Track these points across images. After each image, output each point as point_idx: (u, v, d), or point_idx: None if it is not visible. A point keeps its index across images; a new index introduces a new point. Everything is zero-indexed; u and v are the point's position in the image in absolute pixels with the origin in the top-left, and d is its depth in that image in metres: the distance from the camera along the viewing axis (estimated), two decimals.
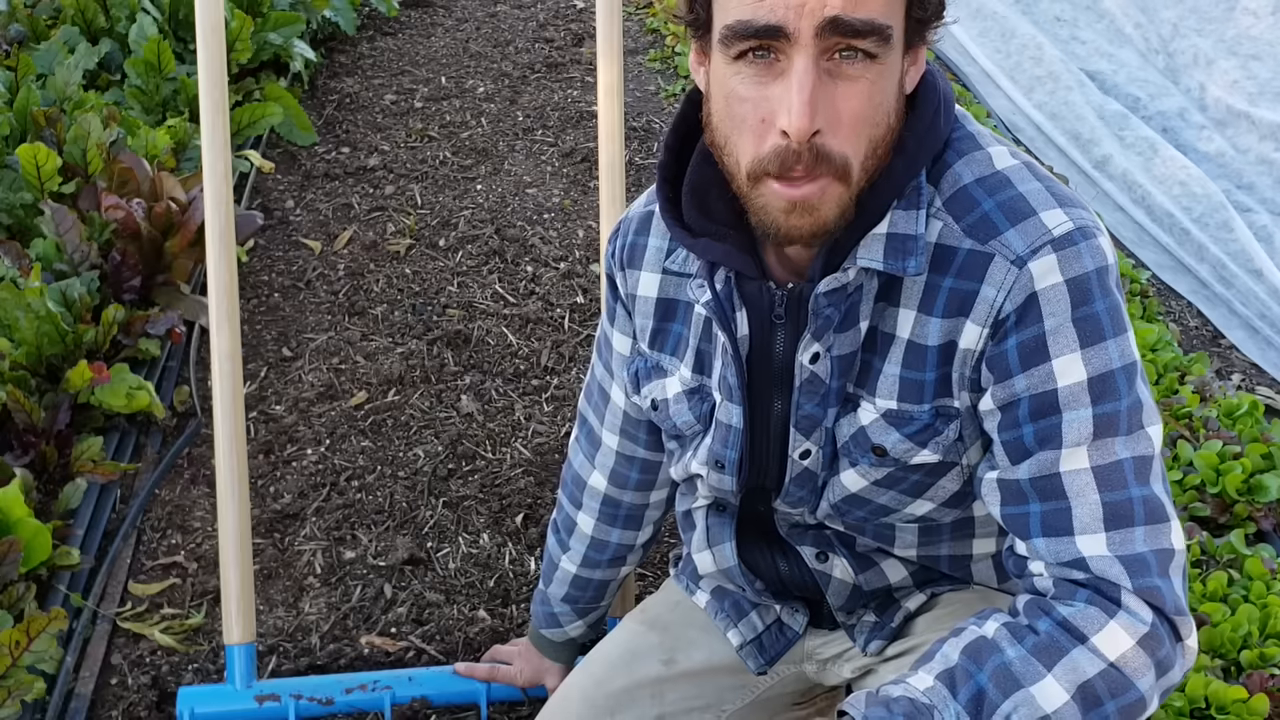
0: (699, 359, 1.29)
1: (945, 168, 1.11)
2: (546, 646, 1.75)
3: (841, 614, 1.39)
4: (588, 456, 1.56)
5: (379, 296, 3.02)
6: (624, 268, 1.34)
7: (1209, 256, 3.19)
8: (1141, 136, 3.72)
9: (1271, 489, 2.26)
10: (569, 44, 4.66)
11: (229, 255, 1.83)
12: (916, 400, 1.15)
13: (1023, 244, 1.06)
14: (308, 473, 2.42)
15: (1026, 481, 1.09)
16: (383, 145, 3.83)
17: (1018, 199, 1.08)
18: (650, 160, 3.74)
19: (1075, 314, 1.05)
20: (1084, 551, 1.06)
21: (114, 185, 2.87)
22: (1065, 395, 1.06)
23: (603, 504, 1.57)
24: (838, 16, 0.97)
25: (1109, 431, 1.06)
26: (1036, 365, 1.07)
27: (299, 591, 2.14)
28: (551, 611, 1.70)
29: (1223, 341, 2.96)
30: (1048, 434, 1.07)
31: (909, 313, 1.13)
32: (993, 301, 1.07)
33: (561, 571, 1.66)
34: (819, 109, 1.00)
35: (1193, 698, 1.81)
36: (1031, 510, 1.09)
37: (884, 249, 1.09)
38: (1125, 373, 1.07)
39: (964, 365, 1.12)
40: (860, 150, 1.04)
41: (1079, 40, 4.45)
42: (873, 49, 1.00)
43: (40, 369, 2.45)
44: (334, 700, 1.81)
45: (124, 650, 2.01)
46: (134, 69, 3.47)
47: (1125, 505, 1.06)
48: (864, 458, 1.20)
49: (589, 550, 1.62)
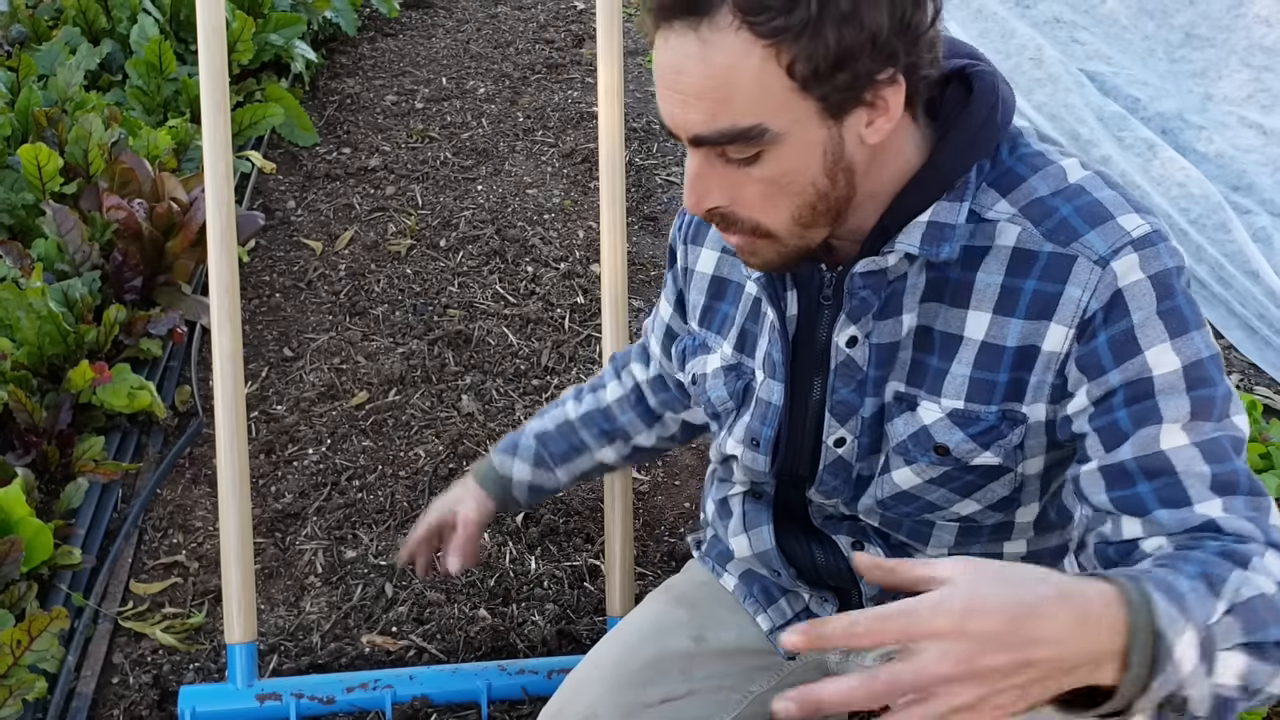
0: (742, 337, 1.32)
1: (1018, 180, 1.14)
2: (485, 473, 1.67)
3: (871, 603, 1.40)
4: (639, 359, 1.62)
5: (380, 297, 3.03)
6: (687, 242, 1.40)
7: (1207, 257, 3.19)
8: (1140, 138, 3.73)
9: (1270, 488, 2.26)
10: (569, 45, 4.67)
11: (230, 255, 1.84)
12: (985, 401, 1.16)
13: (1104, 245, 1.08)
14: (309, 472, 2.43)
15: (1131, 461, 1.08)
16: (384, 146, 3.83)
17: (1095, 204, 1.11)
18: (650, 160, 3.75)
19: (1160, 307, 1.07)
20: (1212, 514, 1.04)
21: (115, 186, 2.88)
22: (1161, 383, 1.07)
23: (634, 390, 1.62)
24: (698, 135, 1.04)
25: (1204, 415, 1.07)
26: (1130, 358, 1.08)
27: (300, 591, 2.14)
28: (517, 440, 1.66)
29: (1221, 341, 2.97)
30: (1144, 416, 1.07)
31: (981, 314, 1.14)
32: (1079, 301, 1.09)
33: (558, 411, 1.66)
34: (710, 191, 1.08)
35: None
36: (1141, 490, 1.08)
37: (922, 235, 1.12)
38: (1214, 362, 1.08)
39: (1046, 370, 1.12)
40: (780, 218, 1.09)
41: (1078, 42, 4.46)
42: (752, 149, 1.04)
43: (42, 369, 2.46)
44: (335, 699, 1.82)
45: (125, 649, 2.02)
46: (135, 70, 3.48)
47: (1232, 475, 1.05)
48: (924, 457, 1.21)
49: (597, 411, 1.64)
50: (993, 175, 1.14)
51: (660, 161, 3.74)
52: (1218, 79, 4.16)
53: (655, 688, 1.43)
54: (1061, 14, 4.62)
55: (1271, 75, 4.09)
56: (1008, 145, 1.15)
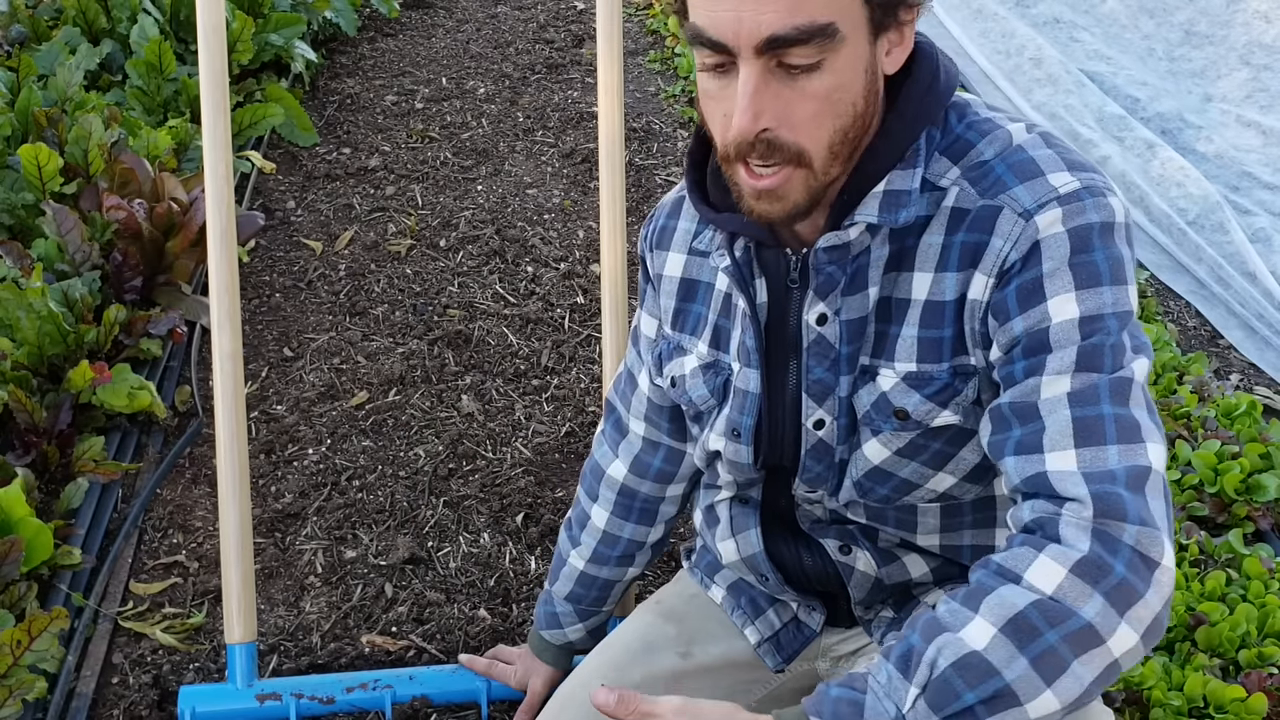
0: (716, 334, 1.33)
1: (968, 147, 1.16)
2: (543, 648, 1.75)
3: (860, 608, 1.40)
4: (612, 445, 1.58)
5: (380, 297, 3.03)
6: (654, 249, 1.41)
7: (1206, 257, 3.19)
8: (1140, 138, 3.73)
9: (1270, 488, 2.26)
10: (569, 45, 4.67)
11: (230, 255, 1.84)
12: (935, 360, 1.18)
13: (1030, 199, 1.11)
14: (309, 472, 2.43)
15: (1007, 405, 1.11)
16: (383, 146, 3.83)
17: (1028, 161, 1.13)
18: (650, 160, 3.75)
19: (1073, 259, 1.09)
20: (1049, 467, 1.07)
21: (115, 186, 2.88)
22: (1056, 331, 1.09)
23: (619, 495, 1.58)
24: (774, 34, 1.03)
25: (1093, 366, 1.08)
26: (1034, 306, 1.10)
27: (300, 591, 2.14)
28: (554, 611, 1.70)
29: (1221, 341, 2.97)
30: (1035, 366, 1.10)
31: (925, 274, 1.17)
32: (999, 251, 1.11)
33: (569, 568, 1.66)
34: (765, 110, 1.07)
35: (1191, 696, 1.82)
36: (1011, 435, 1.11)
37: (879, 205, 1.15)
38: (1118, 317, 1.09)
39: (973, 318, 1.15)
40: (821, 140, 1.10)
41: (1078, 41, 4.46)
42: (818, 54, 1.05)
43: (42, 369, 2.46)
44: (335, 699, 1.82)
45: (125, 649, 2.02)
46: (135, 70, 3.48)
47: (1096, 422, 1.06)
48: (886, 423, 1.22)
49: (599, 545, 1.62)
50: (944, 144, 1.17)
51: (660, 161, 3.75)
52: (1217, 78, 4.17)
53: None
54: (1061, 14, 4.63)
55: (1270, 74, 4.09)
56: (956, 114, 1.18)
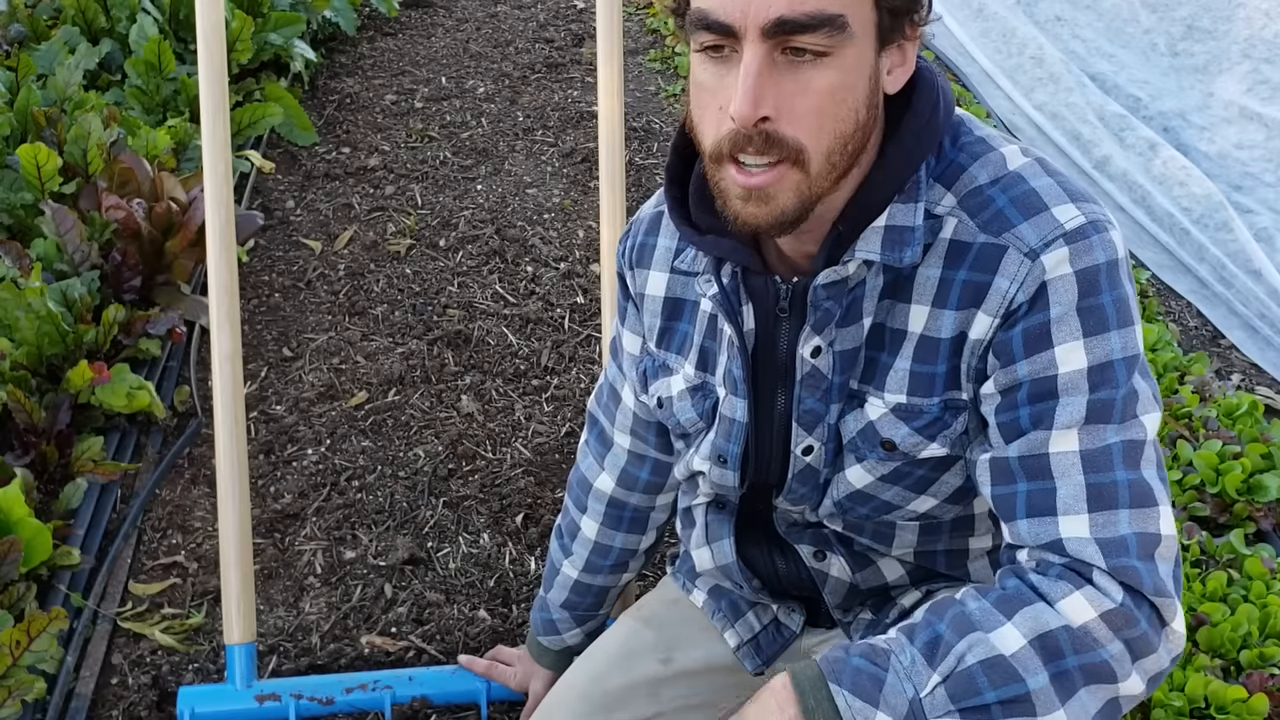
0: (703, 356, 1.30)
1: (960, 171, 1.13)
2: (541, 653, 1.74)
3: (838, 612, 1.39)
4: (597, 458, 1.56)
5: (379, 297, 3.02)
6: (633, 267, 1.36)
7: (1208, 256, 3.19)
8: (1142, 137, 3.72)
9: (1271, 489, 2.26)
10: (569, 44, 4.66)
11: (229, 255, 1.83)
12: (926, 394, 1.16)
13: (1036, 237, 1.08)
14: (308, 473, 2.42)
15: (1015, 460, 1.10)
16: (383, 145, 3.83)
17: (1030, 194, 1.10)
18: (650, 160, 3.74)
19: (1081, 304, 1.07)
20: (1063, 533, 1.06)
21: (114, 185, 2.88)
22: (1064, 381, 1.07)
23: (608, 507, 1.57)
24: (782, 17, 1.01)
25: (1102, 418, 1.07)
26: (1040, 351, 1.08)
27: (299, 591, 2.14)
28: (550, 618, 1.70)
29: (1222, 341, 2.96)
30: (1041, 416, 1.08)
31: (922, 308, 1.14)
32: (1005, 292, 1.09)
33: (563, 577, 1.66)
34: (766, 97, 1.03)
35: (1192, 697, 1.81)
36: (1019, 490, 1.10)
37: (881, 241, 1.11)
38: (1126, 364, 1.08)
39: (972, 355, 1.13)
40: (821, 142, 1.06)
41: (1080, 40, 4.45)
42: (825, 43, 1.02)
43: (41, 369, 2.46)
44: (334, 700, 1.81)
45: (124, 650, 2.01)
46: (134, 69, 3.47)
47: (1110, 488, 1.06)
48: (872, 453, 1.21)
49: (591, 555, 1.61)
50: (938, 170, 1.14)
51: (660, 161, 3.74)
52: (1219, 74, 4.16)
53: (623, 713, 1.44)
54: (1063, 12, 4.62)
55: (1271, 68, 4.09)
56: (950, 137, 1.15)
